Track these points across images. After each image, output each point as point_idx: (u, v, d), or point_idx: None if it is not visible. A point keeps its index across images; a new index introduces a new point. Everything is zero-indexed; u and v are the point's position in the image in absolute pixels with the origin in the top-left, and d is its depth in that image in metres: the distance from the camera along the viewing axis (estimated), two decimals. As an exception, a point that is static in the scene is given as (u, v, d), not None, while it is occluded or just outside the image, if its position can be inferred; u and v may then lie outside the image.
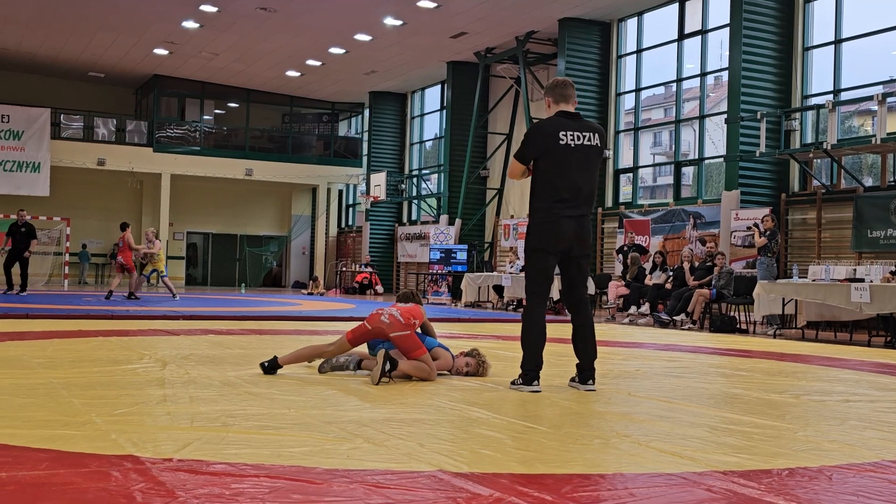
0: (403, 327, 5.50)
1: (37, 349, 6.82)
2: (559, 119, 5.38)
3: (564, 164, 5.29)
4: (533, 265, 5.42)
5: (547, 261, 5.37)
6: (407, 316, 5.56)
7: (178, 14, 21.98)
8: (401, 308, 5.65)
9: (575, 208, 5.32)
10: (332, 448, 3.35)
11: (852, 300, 10.61)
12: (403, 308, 5.66)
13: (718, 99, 19.47)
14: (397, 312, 5.56)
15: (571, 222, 5.31)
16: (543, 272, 5.39)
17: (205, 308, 14.06)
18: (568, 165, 5.29)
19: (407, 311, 5.62)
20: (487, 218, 24.80)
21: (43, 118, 26.96)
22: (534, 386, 5.24)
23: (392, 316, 5.52)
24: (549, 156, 5.31)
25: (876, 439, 3.96)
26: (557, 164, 5.29)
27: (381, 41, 23.16)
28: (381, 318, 5.54)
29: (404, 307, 5.69)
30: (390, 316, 5.52)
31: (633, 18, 20.01)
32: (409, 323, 5.53)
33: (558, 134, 5.29)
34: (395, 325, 5.50)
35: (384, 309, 5.64)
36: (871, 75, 15.01)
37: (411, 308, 5.70)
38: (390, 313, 5.55)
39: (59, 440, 3.33)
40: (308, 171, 30.73)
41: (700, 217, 17.01)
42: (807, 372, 7.07)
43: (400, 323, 5.50)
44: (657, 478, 3.03)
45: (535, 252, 5.39)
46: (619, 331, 12.18)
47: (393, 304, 5.77)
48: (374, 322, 5.56)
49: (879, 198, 13.74)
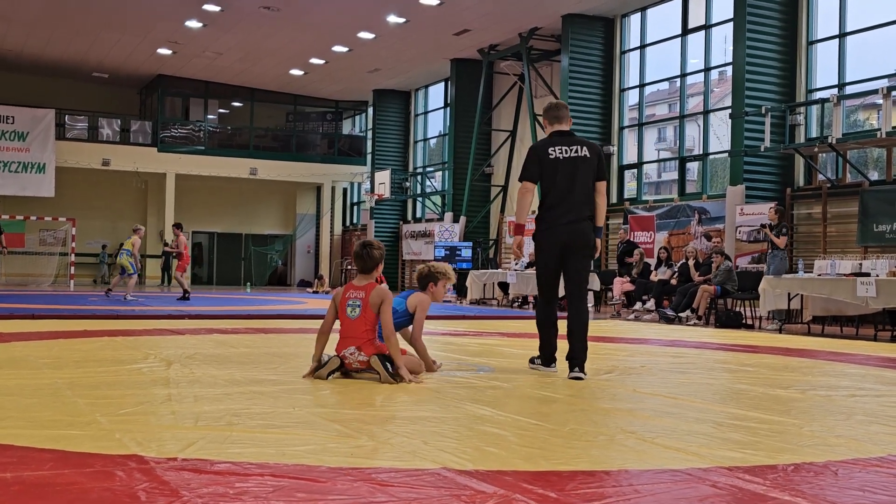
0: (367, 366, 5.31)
1: (42, 349, 6.83)
2: (550, 138, 6.10)
3: (554, 176, 5.93)
4: (538, 268, 6.18)
5: (547, 263, 6.06)
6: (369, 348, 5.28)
7: (182, 14, 22.00)
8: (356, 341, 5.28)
9: (567, 215, 5.93)
10: (336, 446, 3.35)
11: (858, 295, 10.59)
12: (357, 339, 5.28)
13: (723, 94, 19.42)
14: (363, 356, 5.25)
15: (564, 228, 5.95)
16: (545, 273, 6.09)
17: (210, 307, 14.07)
18: (557, 177, 5.93)
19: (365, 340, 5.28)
20: (492, 215, 24.79)
21: (47, 119, 27.01)
22: (551, 367, 6.06)
23: (361, 362, 5.28)
24: (542, 170, 5.98)
25: (882, 434, 3.94)
26: (549, 176, 5.95)
27: (385, 39, 23.15)
28: (353, 366, 5.30)
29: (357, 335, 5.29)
30: (360, 363, 5.29)
31: (637, 14, 19.97)
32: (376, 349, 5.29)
33: (548, 150, 5.99)
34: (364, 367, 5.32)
35: (349, 357, 5.28)
36: (875, 69, 14.96)
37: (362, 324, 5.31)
38: (358, 360, 5.27)
39: (64, 440, 3.33)
40: (312, 169, 30.76)
41: (705, 212, 16.98)
42: (812, 367, 7.05)
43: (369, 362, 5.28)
44: (662, 474, 3.02)
45: (538, 256, 6.14)
46: (624, 327, 12.17)
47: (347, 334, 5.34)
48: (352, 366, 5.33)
49: (885, 192, 13.70)
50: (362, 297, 5.30)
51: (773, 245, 12.97)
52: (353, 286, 5.41)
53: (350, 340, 5.29)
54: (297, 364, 6.10)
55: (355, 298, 5.32)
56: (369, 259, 5.46)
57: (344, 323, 5.35)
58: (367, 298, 5.29)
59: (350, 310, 5.31)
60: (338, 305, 5.39)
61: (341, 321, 5.38)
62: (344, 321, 5.35)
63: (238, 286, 30.11)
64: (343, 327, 5.36)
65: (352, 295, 5.35)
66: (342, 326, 5.37)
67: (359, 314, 5.28)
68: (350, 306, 5.31)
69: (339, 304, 5.38)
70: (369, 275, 5.47)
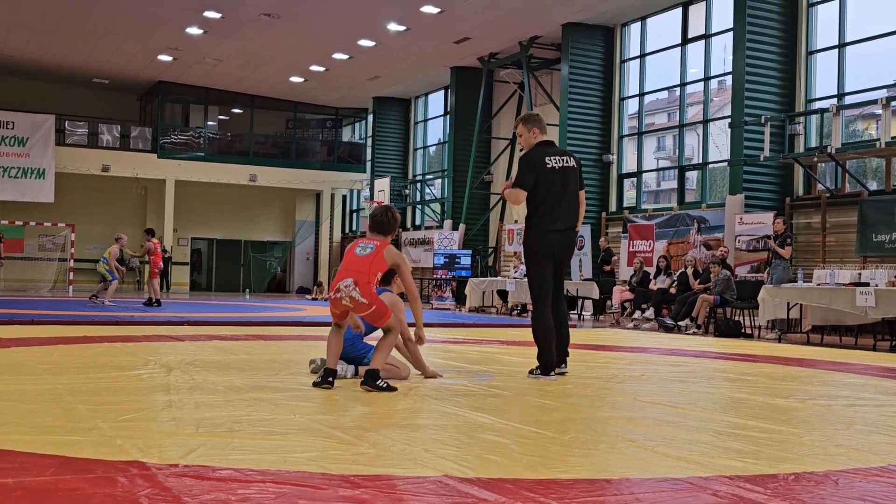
0: (367, 306, 5.19)
1: (42, 355, 6.83)
2: (542, 147, 6.33)
3: (551, 185, 6.19)
4: (532, 273, 6.29)
5: (545, 269, 6.24)
6: (366, 288, 5.18)
7: (183, 20, 22.03)
8: (358, 274, 5.20)
9: (560, 222, 6.22)
10: (338, 454, 3.35)
11: (857, 304, 10.59)
12: (360, 273, 5.20)
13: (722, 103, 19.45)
14: (357, 293, 5.13)
15: (557, 235, 6.22)
16: (544, 279, 6.24)
17: (209, 314, 14.07)
18: (553, 186, 6.19)
19: (365, 280, 5.19)
20: (491, 223, 24.80)
21: (47, 124, 27.02)
22: (551, 376, 6.10)
23: (352, 298, 5.16)
24: (539, 178, 6.20)
25: (882, 444, 3.95)
26: (545, 185, 6.20)
27: (385, 47, 23.19)
28: (343, 301, 5.21)
29: (360, 269, 5.21)
30: (350, 299, 5.16)
31: (637, 23, 20.01)
32: (370, 297, 5.19)
33: (544, 159, 6.22)
34: (358, 307, 5.20)
35: (342, 290, 5.17)
36: (875, 79, 14.99)
37: (369, 263, 5.25)
38: (350, 296, 5.15)
39: (65, 446, 3.33)
40: (312, 176, 30.77)
41: (704, 221, 16.99)
42: (812, 376, 7.06)
43: (363, 304, 5.18)
44: (663, 482, 3.02)
45: (534, 263, 6.26)
46: (623, 335, 12.17)
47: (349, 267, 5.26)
48: (339, 307, 5.27)
49: (884, 202, 13.71)
50: (376, 245, 5.32)
51: (777, 255, 12.98)
52: (364, 238, 5.44)
53: (350, 273, 5.19)
54: (297, 371, 6.10)
55: (368, 243, 5.34)
56: (391, 222, 5.49)
57: (349, 258, 5.28)
58: (380, 248, 5.31)
59: (360, 249, 5.30)
60: (345, 252, 5.40)
61: (347, 259, 5.31)
62: (350, 257, 5.28)
63: (237, 293, 30.09)
64: (346, 263, 5.27)
65: (363, 242, 5.36)
66: (345, 262, 5.29)
67: (368, 253, 5.27)
68: (361, 248, 5.32)
69: (348, 249, 5.41)
70: (382, 237, 5.45)
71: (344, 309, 5.27)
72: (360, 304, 5.18)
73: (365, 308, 5.20)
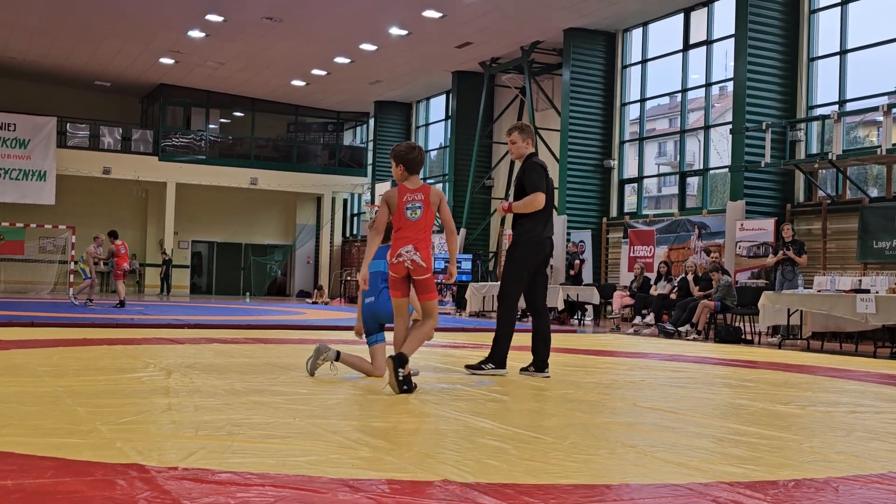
0: (425, 270, 5.44)
1: (42, 357, 6.83)
2: (540, 158, 6.76)
3: (550, 194, 6.60)
4: (516, 278, 6.58)
5: (526, 275, 6.57)
6: (425, 252, 5.45)
7: (184, 23, 22.06)
8: (416, 241, 5.42)
9: (550, 230, 6.63)
10: (338, 457, 3.34)
11: (858, 311, 10.58)
12: (417, 239, 5.42)
13: (723, 109, 19.48)
14: (418, 256, 5.39)
15: (549, 242, 6.61)
16: (522, 283, 6.60)
17: (209, 317, 14.07)
18: (550, 195, 6.61)
19: (424, 245, 5.43)
20: (492, 227, 24.81)
21: (49, 127, 27.05)
22: (505, 369, 6.52)
23: (413, 261, 5.40)
24: (547, 186, 6.59)
25: (883, 451, 3.94)
26: (549, 194, 6.58)
27: (387, 51, 23.21)
28: (405, 265, 5.41)
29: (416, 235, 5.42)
30: (412, 262, 5.40)
31: (639, 29, 20.04)
32: (428, 262, 5.47)
33: (546, 168, 6.68)
34: (418, 269, 5.43)
35: (403, 255, 5.40)
36: (876, 86, 15.01)
37: (423, 226, 5.45)
38: (412, 259, 5.39)
39: (65, 448, 3.33)
40: (313, 180, 30.80)
41: (705, 227, 17.00)
42: (812, 383, 7.05)
43: (422, 267, 5.43)
44: (663, 488, 3.02)
45: (518, 268, 6.55)
46: (623, 341, 12.17)
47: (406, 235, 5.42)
48: (402, 271, 5.45)
49: (885, 208, 13.72)
50: (422, 199, 5.46)
51: (792, 262, 12.95)
52: (407, 189, 5.48)
53: (408, 240, 5.41)
54: (296, 374, 6.10)
55: (414, 201, 5.45)
56: (422, 158, 5.61)
57: (403, 225, 5.44)
58: (427, 199, 5.48)
59: (410, 212, 5.44)
60: (393, 209, 5.46)
61: (399, 223, 5.45)
62: (403, 223, 5.44)
63: (237, 296, 30.10)
64: (401, 228, 5.44)
65: (409, 198, 5.45)
66: (401, 228, 5.44)
67: (420, 215, 5.45)
68: (410, 209, 5.44)
69: (398, 208, 5.45)
70: (416, 175, 5.57)
71: (405, 272, 5.43)
72: (419, 268, 5.41)
73: (423, 272, 5.44)
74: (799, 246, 13.00)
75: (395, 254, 5.41)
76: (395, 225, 5.47)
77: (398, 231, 5.44)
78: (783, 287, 12.75)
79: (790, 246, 13.02)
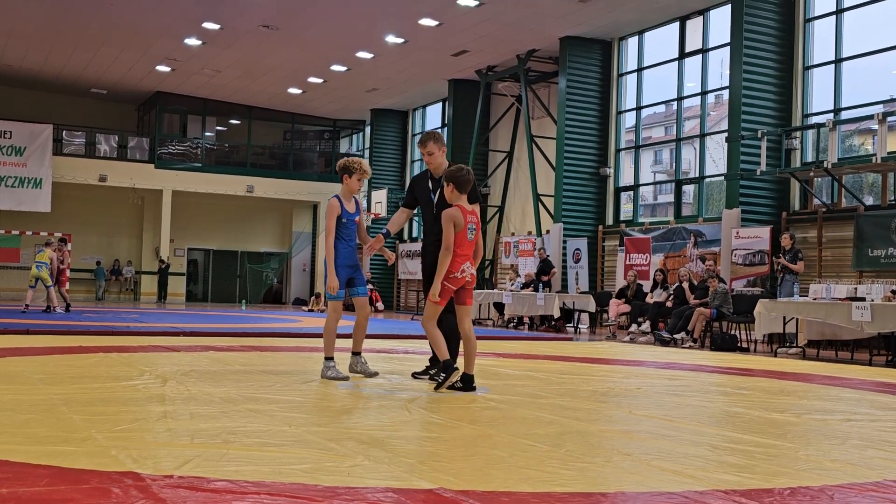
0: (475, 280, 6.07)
1: (37, 365, 6.82)
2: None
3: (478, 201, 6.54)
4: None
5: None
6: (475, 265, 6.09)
7: (181, 31, 22.07)
8: (470, 257, 6.02)
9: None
10: (333, 465, 3.34)
11: (853, 319, 10.60)
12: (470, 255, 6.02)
13: (719, 117, 19.51)
14: (473, 270, 6.02)
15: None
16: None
17: (205, 324, 14.05)
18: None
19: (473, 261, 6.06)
20: (488, 235, 24.80)
21: (45, 134, 27.04)
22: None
23: (472, 276, 6.03)
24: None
25: (878, 459, 3.95)
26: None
27: (383, 59, 23.24)
28: (465, 279, 5.97)
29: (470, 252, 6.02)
30: (472, 276, 6.02)
31: (634, 37, 20.09)
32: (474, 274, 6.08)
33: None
34: (473, 281, 6.04)
35: (465, 270, 5.96)
36: (871, 94, 15.05)
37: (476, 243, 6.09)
38: (471, 273, 6.01)
39: (60, 456, 3.33)
40: (309, 187, 30.79)
41: (701, 235, 17.02)
42: (808, 391, 7.06)
43: (475, 279, 6.07)
44: (659, 496, 3.02)
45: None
46: (619, 349, 12.17)
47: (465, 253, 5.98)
48: (458, 284, 5.98)
49: (880, 217, 13.75)
50: (475, 222, 6.09)
51: (788, 270, 12.97)
52: (466, 210, 6.01)
53: (466, 258, 6.01)
54: (292, 382, 6.09)
55: (472, 223, 6.05)
56: (470, 178, 6.04)
57: (463, 244, 5.98)
58: (478, 222, 6.13)
59: (470, 233, 6.02)
60: (458, 228, 5.94)
61: (459, 241, 5.95)
62: (463, 242, 5.97)
63: (233, 303, 30.05)
64: (461, 247, 5.96)
65: (471, 219, 6.04)
66: (460, 246, 5.95)
67: (474, 237, 6.07)
68: (470, 230, 6.02)
69: (463, 227, 5.96)
70: (465, 196, 6.03)
71: (461, 285, 5.99)
72: (474, 280, 6.08)
73: (474, 282, 6.08)
74: (794, 253, 13.03)
75: (458, 269, 5.99)
76: (456, 242, 5.95)
77: (459, 248, 5.97)
78: (781, 295, 12.77)
79: (786, 254, 13.04)
